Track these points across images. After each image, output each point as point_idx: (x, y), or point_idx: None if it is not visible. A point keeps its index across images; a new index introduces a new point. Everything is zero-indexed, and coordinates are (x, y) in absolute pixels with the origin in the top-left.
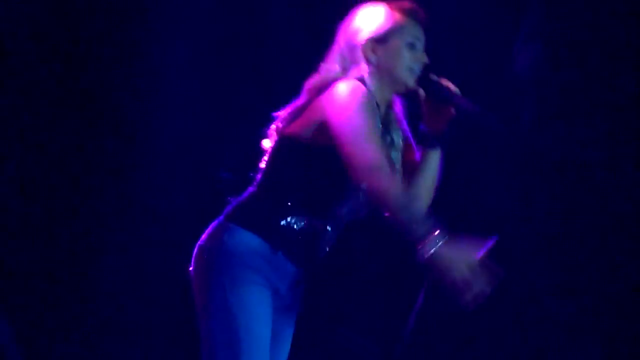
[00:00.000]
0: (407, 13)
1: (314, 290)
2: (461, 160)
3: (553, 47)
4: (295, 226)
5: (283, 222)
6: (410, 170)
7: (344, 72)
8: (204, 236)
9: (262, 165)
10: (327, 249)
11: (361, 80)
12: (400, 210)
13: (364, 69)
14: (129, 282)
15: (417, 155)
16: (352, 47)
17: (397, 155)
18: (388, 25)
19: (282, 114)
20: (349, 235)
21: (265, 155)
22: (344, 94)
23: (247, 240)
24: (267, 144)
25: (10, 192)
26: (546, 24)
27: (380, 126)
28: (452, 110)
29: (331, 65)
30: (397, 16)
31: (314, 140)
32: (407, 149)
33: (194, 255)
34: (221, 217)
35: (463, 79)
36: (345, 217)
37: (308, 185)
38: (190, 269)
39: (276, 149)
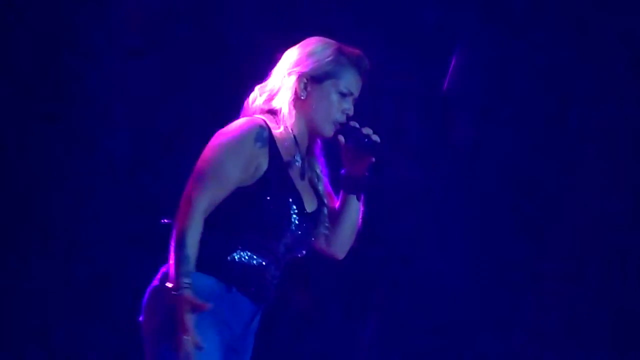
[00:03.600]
0: (353, 61)
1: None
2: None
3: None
4: (242, 260)
5: (230, 258)
6: (331, 216)
7: (269, 96)
8: (154, 281)
9: None
10: (274, 287)
11: (277, 111)
12: (177, 246)
13: (288, 99)
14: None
15: (335, 202)
16: (286, 77)
17: (322, 189)
18: (329, 67)
19: None
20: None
21: None
22: (226, 131)
23: (201, 281)
24: None
25: None
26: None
27: (298, 160)
28: (372, 158)
29: (262, 87)
30: (342, 60)
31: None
32: (327, 196)
33: (145, 300)
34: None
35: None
36: (283, 255)
37: (242, 224)
38: (141, 314)
39: None
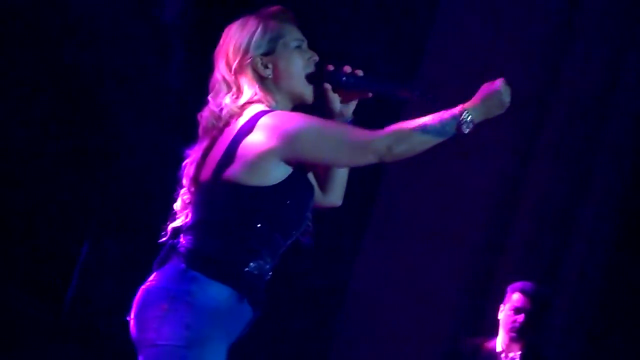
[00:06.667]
0: (278, 18)
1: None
2: None
3: None
4: (257, 269)
5: (247, 269)
6: (324, 173)
7: (236, 99)
8: (161, 281)
9: (194, 213)
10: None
11: (260, 101)
12: (419, 136)
13: (258, 87)
14: None
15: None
16: (238, 69)
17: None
18: (268, 35)
19: (191, 159)
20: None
21: (188, 203)
22: (279, 120)
23: (217, 293)
24: (185, 194)
25: None
26: None
27: None
28: (367, 94)
29: (220, 96)
30: (271, 24)
31: (259, 182)
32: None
33: (143, 298)
34: (180, 264)
35: None
36: (284, 250)
37: (262, 227)
38: (134, 312)
39: (214, 195)
